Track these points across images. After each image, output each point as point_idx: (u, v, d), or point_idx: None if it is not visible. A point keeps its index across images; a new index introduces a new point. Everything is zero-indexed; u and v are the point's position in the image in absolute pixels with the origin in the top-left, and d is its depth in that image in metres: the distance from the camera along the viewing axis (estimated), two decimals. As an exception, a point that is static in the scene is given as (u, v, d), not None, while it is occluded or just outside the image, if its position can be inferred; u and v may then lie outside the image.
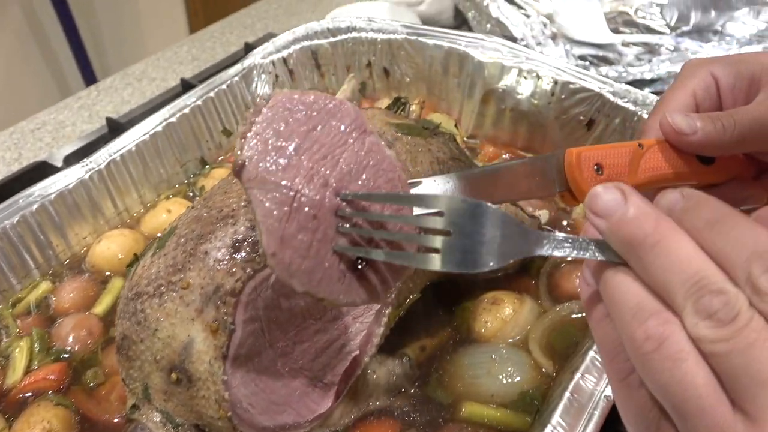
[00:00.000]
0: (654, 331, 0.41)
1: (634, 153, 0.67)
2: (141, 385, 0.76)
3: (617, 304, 0.43)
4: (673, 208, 0.44)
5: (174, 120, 1.15)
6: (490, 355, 0.88)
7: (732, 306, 0.39)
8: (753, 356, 0.38)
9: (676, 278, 0.41)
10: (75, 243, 1.05)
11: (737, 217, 0.41)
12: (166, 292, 0.74)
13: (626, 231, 0.43)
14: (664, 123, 0.66)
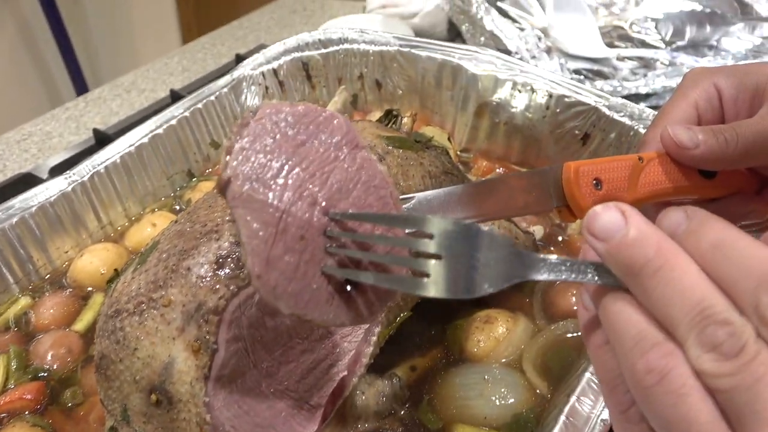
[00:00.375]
0: (656, 364, 0.38)
1: (634, 167, 0.65)
2: (120, 406, 0.73)
3: (617, 332, 0.41)
4: (677, 229, 0.41)
5: (161, 131, 1.12)
6: (483, 376, 0.85)
7: (738, 338, 0.36)
8: (759, 393, 0.35)
9: (679, 307, 0.38)
10: (56, 257, 1.02)
11: (745, 239, 0.39)
12: (146, 310, 0.71)
13: (626, 255, 0.41)
14: (664, 136, 0.64)
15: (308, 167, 0.55)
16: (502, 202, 0.67)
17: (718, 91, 0.68)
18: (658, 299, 0.39)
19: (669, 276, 0.39)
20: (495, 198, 0.67)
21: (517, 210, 0.69)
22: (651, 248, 0.40)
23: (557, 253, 1.04)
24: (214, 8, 3.28)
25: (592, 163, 0.64)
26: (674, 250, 0.40)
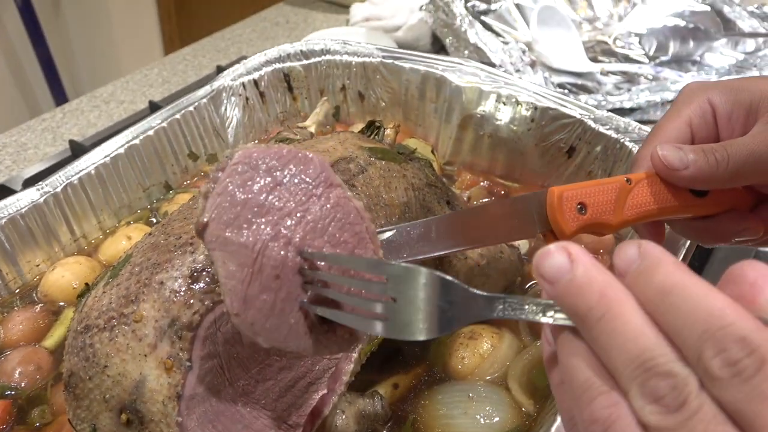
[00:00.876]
0: (600, 414, 0.37)
1: (621, 189, 0.64)
2: (89, 426, 0.70)
3: (569, 376, 0.40)
4: (628, 267, 0.40)
5: (137, 142, 1.09)
6: (467, 394, 0.83)
7: (680, 391, 0.35)
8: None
9: (622, 357, 0.37)
10: (27, 271, 0.99)
11: (694, 286, 0.37)
12: (117, 326, 0.68)
13: (571, 300, 0.39)
14: (654, 156, 0.63)
15: (283, 208, 0.57)
16: (485, 230, 0.67)
17: (712, 108, 0.66)
18: (602, 347, 0.38)
19: (612, 325, 0.38)
20: (477, 226, 0.67)
21: (500, 237, 0.69)
22: (594, 295, 0.39)
23: (543, 267, 1.02)
24: (196, 20, 3.27)
25: (577, 187, 0.63)
26: (619, 296, 0.39)
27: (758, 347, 0.34)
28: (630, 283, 0.39)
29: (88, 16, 3.25)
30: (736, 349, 0.34)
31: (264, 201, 0.56)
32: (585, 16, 1.97)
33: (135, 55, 3.34)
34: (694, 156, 0.62)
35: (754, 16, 1.93)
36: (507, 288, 0.96)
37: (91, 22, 3.27)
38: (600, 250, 1.03)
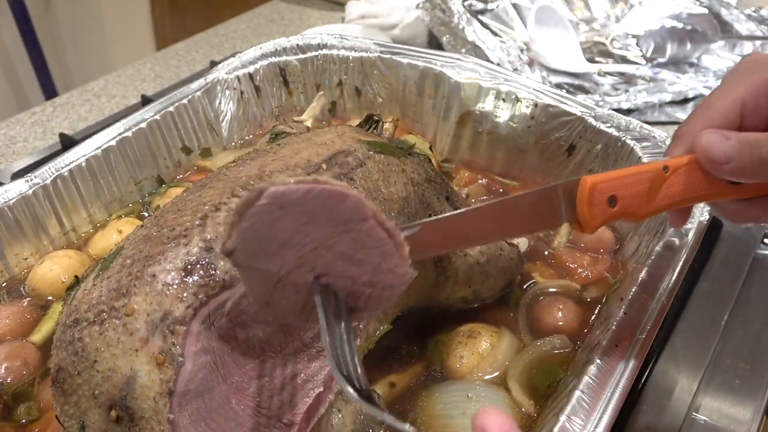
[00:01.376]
0: None
1: (656, 178, 0.63)
2: (77, 423, 0.68)
3: None
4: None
5: (129, 135, 1.07)
6: (466, 394, 0.81)
7: None
8: None
9: None
10: (14, 264, 0.97)
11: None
12: (107, 319, 0.66)
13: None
14: (697, 144, 0.61)
15: (311, 243, 0.56)
16: (510, 222, 0.65)
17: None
18: None
19: None
20: (502, 219, 0.64)
21: (524, 230, 0.69)
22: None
23: (542, 267, 1.01)
24: (189, 16, 3.25)
25: (610, 178, 0.62)
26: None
27: None
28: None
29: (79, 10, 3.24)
30: None
31: (292, 237, 0.55)
32: (582, 16, 1.96)
33: (126, 51, 3.32)
34: (738, 148, 0.60)
35: (751, 19, 1.94)
36: (507, 286, 0.95)
37: (82, 16, 3.25)
38: (600, 249, 1.02)
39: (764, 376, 0.97)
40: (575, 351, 0.86)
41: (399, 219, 0.81)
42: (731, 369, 0.99)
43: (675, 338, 1.02)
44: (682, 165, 0.63)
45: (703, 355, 1.00)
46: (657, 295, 0.81)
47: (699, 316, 1.05)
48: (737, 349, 1.01)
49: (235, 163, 0.82)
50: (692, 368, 0.98)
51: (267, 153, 0.82)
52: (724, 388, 0.96)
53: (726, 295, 1.09)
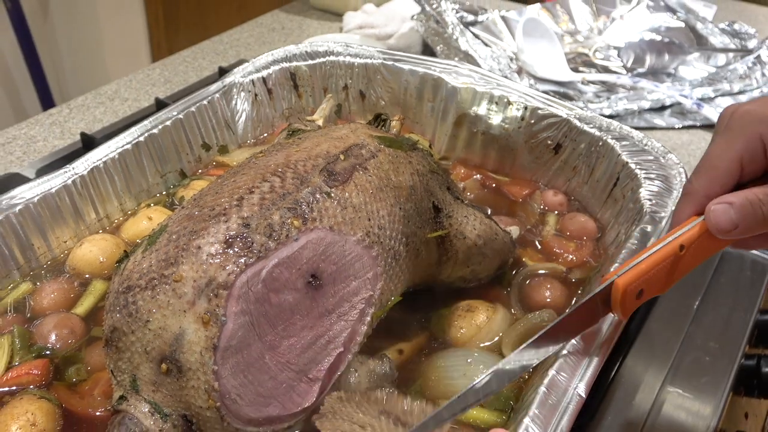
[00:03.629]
0: None
1: (675, 259, 0.72)
2: (129, 377, 0.78)
3: None
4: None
5: (156, 131, 1.17)
6: (466, 359, 0.91)
7: None
8: None
9: None
10: (56, 246, 1.06)
11: None
12: (158, 285, 0.76)
13: None
14: (708, 217, 0.71)
15: None
16: (561, 334, 0.78)
17: (764, 146, 0.70)
18: None
19: None
20: (553, 335, 0.77)
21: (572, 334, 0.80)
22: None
23: (532, 252, 1.12)
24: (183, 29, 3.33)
25: (637, 275, 0.72)
26: None
27: None
28: None
29: (76, 21, 3.30)
30: None
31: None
32: (567, 29, 2.08)
33: (122, 62, 3.39)
34: (742, 213, 0.68)
35: (725, 33, 2.05)
36: (501, 267, 1.05)
37: (79, 27, 3.31)
38: (584, 237, 1.12)
39: (732, 355, 1.07)
40: (561, 323, 0.97)
41: (407, 204, 0.91)
42: (702, 348, 1.07)
43: (650, 322, 1.11)
44: (695, 239, 0.72)
45: (677, 336, 1.08)
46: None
47: (672, 302, 1.14)
48: (708, 331, 1.10)
49: (263, 153, 0.92)
50: (666, 348, 1.06)
51: (291, 145, 0.92)
52: (696, 365, 1.04)
53: (697, 284, 1.18)
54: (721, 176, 0.72)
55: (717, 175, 0.72)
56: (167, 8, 3.27)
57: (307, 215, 0.80)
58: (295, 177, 0.84)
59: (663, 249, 0.73)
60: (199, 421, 0.77)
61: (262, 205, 0.80)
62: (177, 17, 3.32)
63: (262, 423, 0.78)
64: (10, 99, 3.22)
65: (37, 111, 2.96)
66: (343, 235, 0.83)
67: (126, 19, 3.27)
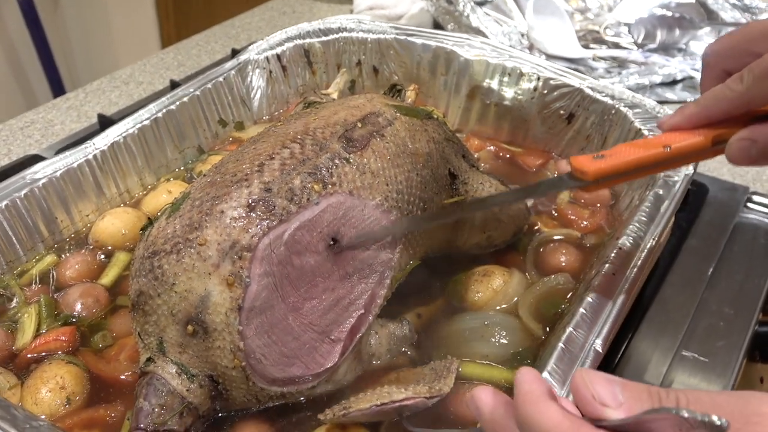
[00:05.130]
0: None
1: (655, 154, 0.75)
2: (156, 339, 0.80)
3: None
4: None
5: (174, 108, 1.19)
6: (483, 321, 0.93)
7: None
8: None
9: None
10: (78, 220, 1.08)
11: (534, 413, 0.49)
12: (183, 249, 0.77)
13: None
14: (730, 153, 0.74)
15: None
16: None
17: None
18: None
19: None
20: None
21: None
22: (488, 427, 0.55)
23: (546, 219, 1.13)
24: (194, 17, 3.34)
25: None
26: (502, 427, 0.53)
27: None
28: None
29: (86, 10, 3.32)
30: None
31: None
32: (577, 6, 2.07)
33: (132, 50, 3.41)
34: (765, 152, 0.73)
35: (736, 8, 2.05)
36: (516, 233, 1.07)
37: (89, 15, 3.33)
38: (597, 204, 1.14)
39: (747, 320, 1.08)
40: (577, 287, 0.98)
41: (424, 171, 0.92)
42: (717, 314, 1.09)
43: (665, 288, 1.13)
44: (684, 145, 0.75)
45: (691, 302, 1.10)
46: (649, 231, 0.93)
47: (687, 269, 1.16)
48: (722, 297, 1.11)
49: (282, 122, 0.93)
50: (681, 313, 1.08)
51: (308, 114, 0.94)
52: (710, 330, 1.06)
53: (712, 251, 1.20)
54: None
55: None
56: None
57: (327, 180, 0.82)
58: (314, 143, 0.86)
59: (646, 144, 0.77)
60: (225, 381, 0.79)
61: (283, 170, 0.81)
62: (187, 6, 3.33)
63: (286, 382, 0.80)
64: (21, 87, 3.24)
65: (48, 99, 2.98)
66: (362, 199, 0.84)
67: (135, 7, 3.29)
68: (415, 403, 0.76)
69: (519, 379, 0.52)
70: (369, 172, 0.86)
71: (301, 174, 0.81)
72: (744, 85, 0.71)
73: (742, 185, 1.35)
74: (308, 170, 0.82)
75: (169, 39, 3.36)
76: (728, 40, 0.77)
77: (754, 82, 0.70)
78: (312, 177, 0.82)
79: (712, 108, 0.74)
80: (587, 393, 0.49)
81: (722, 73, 0.77)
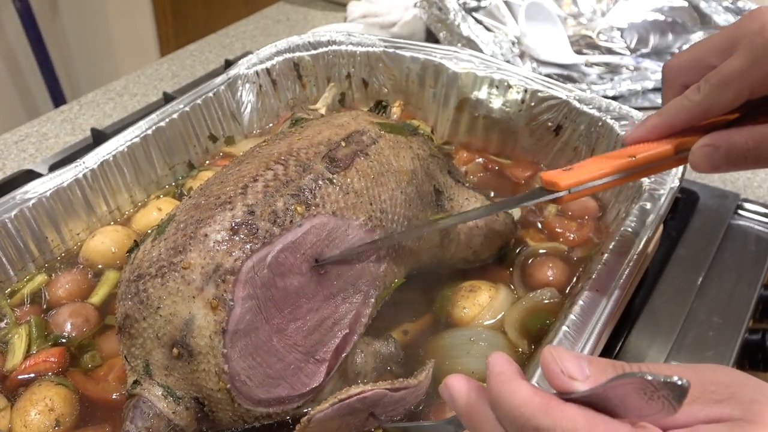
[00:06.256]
0: None
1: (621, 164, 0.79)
2: (142, 362, 0.80)
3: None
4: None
5: (163, 124, 1.19)
6: (469, 338, 0.93)
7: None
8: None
9: None
10: (69, 239, 1.09)
11: (507, 392, 0.51)
12: (167, 273, 0.78)
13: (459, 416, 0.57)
14: (693, 160, 0.77)
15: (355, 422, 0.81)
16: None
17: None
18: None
19: (476, 431, 0.55)
20: None
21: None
22: (464, 416, 0.56)
23: (534, 233, 1.14)
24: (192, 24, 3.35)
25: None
26: (477, 415, 0.54)
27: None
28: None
29: (85, 18, 3.33)
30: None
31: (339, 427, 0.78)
32: (570, 11, 2.08)
33: (131, 57, 3.42)
34: (726, 159, 0.75)
35: (729, 11, 2.05)
36: (503, 248, 1.07)
37: (88, 24, 3.34)
38: (585, 216, 1.14)
39: (736, 329, 1.08)
40: (563, 301, 0.99)
41: (408, 188, 0.93)
42: (706, 323, 1.10)
43: (654, 297, 1.13)
44: (650, 155, 0.79)
45: (681, 311, 1.11)
46: (633, 246, 0.93)
47: (677, 278, 1.16)
48: (712, 306, 1.12)
49: (266, 142, 0.94)
50: (670, 323, 1.09)
51: (293, 134, 0.94)
52: (700, 339, 1.07)
53: (701, 260, 1.20)
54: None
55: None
56: (175, 3, 3.29)
57: (310, 201, 0.83)
58: (298, 164, 0.86)
59: (613, 155, 0.80)
60: (210, 403, 0.79)
61: (266, 193, 0.82)
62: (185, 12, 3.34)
63: (272, 404, 0.81)
64: (21, 97, 3.26)
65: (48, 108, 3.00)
66: (345, 219, 0.85)
67: (134, 14, 3.30)
68: (375, 394, 0.77)
69: (491, 362, 0.54)
70: (352, 192, 0.86)
71: (285, 196, 0.82)
72: (702, 95, 0.74)
73: (733, 192, 1.35)
74: (291, 192, 0.83)
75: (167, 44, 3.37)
76: (686, 54, 0.81)
77: (711, 91, 0.74)
78: (295, 198, 0.82)
79: (673, 118, 0.78)
80: (556, 368, 0.50)
81: (681, 87, 0.80)
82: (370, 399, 0.77)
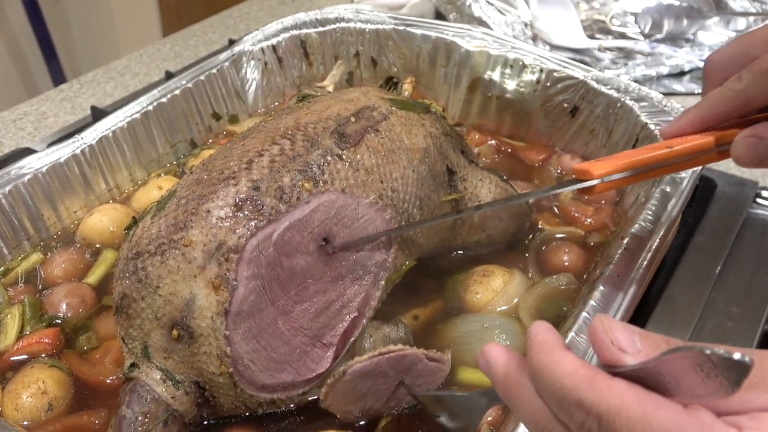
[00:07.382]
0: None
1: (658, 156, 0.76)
2: (140, 344, 0.77)
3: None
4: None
5: (165, 101, 1.15)
6: (483, 324, 0.90)
7: None
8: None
9: (529, 427, 0.51)
10: (66, 216, 1.05)
11: (548, 362, 0.47)
12: (167, 250, 0.74)
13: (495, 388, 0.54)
14: (735, 150, 0.73)
15: (385, 388, 0.79)
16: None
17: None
18: (519, 418, 0.56)
19: (514, 406, 0.52)
20: None
21: None
22: (500, 387, 0.52)
23: (549, 216, 1.09)
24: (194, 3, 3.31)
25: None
26: (516, 385, 0.51)
27: (591, 407, 0.43)
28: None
29: (87, 0, 3.30)
30: (578, 412, 0.44)
31: (370, 389, 0.76)
32: (582, -5, 2.03)
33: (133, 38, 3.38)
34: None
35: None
36: (517, 232, 1.03)
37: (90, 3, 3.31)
38: (602, 201, 1.10)
39: (756, 320, 1.05)
40: (580, 287, 0.95)
41: (421, 167, 0.89)
42: (724, 313, 1.06)
43: (672, 286, 1.09)
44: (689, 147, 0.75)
45: (698, 301, 1.07)
46: (655, 231, 0.89)
47: (694, 267, 1.13)
48: (730, 295, 1.08)
49: (272, 117, 0.90)
50: (688, 313, 1.05)
51: (300, 108, 0.90)
52: (718, 330, 1.03)
53: (719, 249, 1.16)
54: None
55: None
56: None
57: (318, 177, 0.79)
58: (306, 139, 0.82)
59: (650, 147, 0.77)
60: (211, 387, 0.76)
61: (272, 168, 0.78)
62: (188, -8, 3.30)
63: (276, 389, 0.77)
64: (21, 77, 3.22)
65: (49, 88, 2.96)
66: (355, 197, 0.81)
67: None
68: (413, 355, 0.76)
69: (533, 331, 0.50)
70: (362, 169, 0.82)
71: (291, 171, 0.78)
72: (743, 84, 0.71)
73: (752, 180, 1.31)
74: (299, 167, 0.78)
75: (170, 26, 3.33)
76: (728, 48, 0.78)
77: (753, 80, 0.70)
78: (302, 175, 0.78)
79: (713, 108, 0.75)
80: (606, 338, 0.47)
81: (722, 81, 0.76)
82: (407, 360, 0.75)
